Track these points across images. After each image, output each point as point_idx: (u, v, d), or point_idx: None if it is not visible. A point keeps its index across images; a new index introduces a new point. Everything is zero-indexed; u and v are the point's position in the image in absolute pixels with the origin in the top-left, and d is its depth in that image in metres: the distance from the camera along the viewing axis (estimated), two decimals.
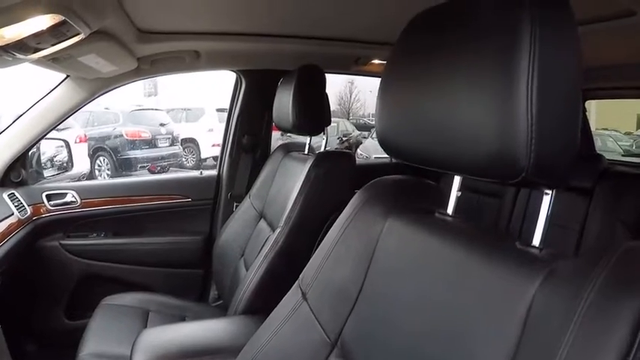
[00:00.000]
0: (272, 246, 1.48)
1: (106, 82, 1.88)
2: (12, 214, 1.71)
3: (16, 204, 1.78)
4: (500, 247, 0.63)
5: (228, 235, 1.92)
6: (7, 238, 1.60)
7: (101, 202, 2.08)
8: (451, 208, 0.76)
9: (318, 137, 1.76)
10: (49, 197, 1.97)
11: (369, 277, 0.80)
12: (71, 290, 2.02)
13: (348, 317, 0.81)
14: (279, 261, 1.47)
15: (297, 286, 0.95)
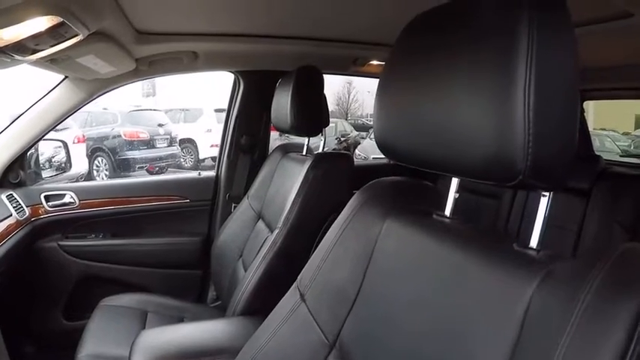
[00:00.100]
0: (270, 247, 1.48)
1: (105, 82, 1.88)
2: (10, 215, 1.71)
3: (15, 205, 1.78)
4: (498, 249, 0.63)
5: (227, 235, 1.92)
6: (6, 239, 1.59)
7: (99, 203, 2.08)
8: (449, 209, 0.77)
9: (317, 138, 1.76)
10: (48, 198, 1.97)
11: (367, 279, 0.80)
12: (69, 291, 2.02)
13: (346, 318, 0.81)
14: (278, 262, 1.46)
15: (296, 288, 0.95)
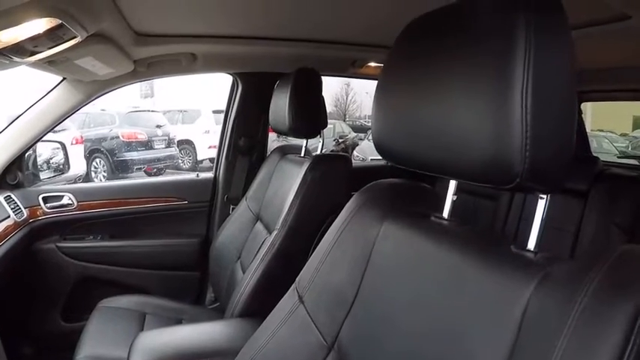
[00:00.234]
0: (269, 249, 1.48)
1: (103, 84, 1.88)
2: (8, 216, 1.70)
3: (13, 206, 1.77)
4: (496, 251, 0.64)
5: (225, 237, 1.92)
6: (4, 240, 1.59)
7: (97, 205, 2.08)
8: (447, 211, 0.77)
9: (315, 139, 1.76)
10: (46, 200, 1.97)
11: (365, 281, 0.80)
12: (68, 293, 2.02)
13: (344, 320, 0.81)
14: (276, 264, 1.46)
15: (294, 289, 0.95)
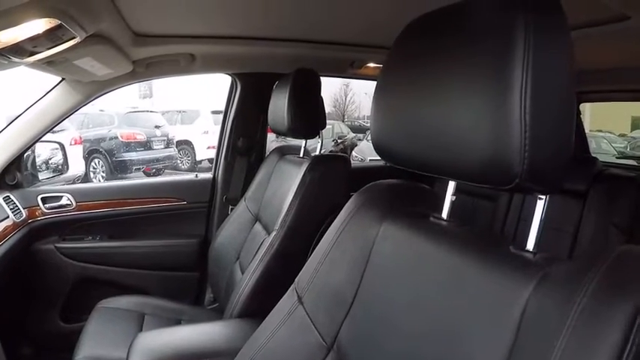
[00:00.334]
0: (267, 249, 1.48)
1: (102, 84, 1.88)
2: (7, 217, 1.70)
3: (12, 207, 1.77)
4: (495, 252, 0.64)
5: (224, 238, 1.91)
6: (3, 241, 1.59)
7: (96, 205, 2.08)
8: (446, 212, 0.77)
9: (314, 140, 1.76)
10: (45, 200, 1.97)
11: (364, 281, 0.80)
12: (67, 293, 2.02)
13: (343, 321, 0.81)
14: (275, 264, 1.46)
15: (293, 290, 0.95)
